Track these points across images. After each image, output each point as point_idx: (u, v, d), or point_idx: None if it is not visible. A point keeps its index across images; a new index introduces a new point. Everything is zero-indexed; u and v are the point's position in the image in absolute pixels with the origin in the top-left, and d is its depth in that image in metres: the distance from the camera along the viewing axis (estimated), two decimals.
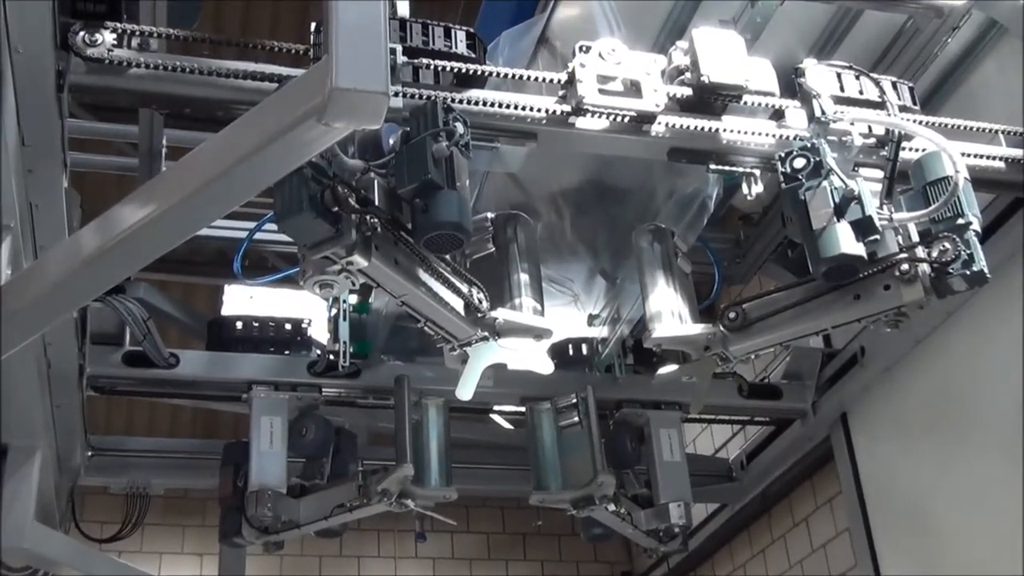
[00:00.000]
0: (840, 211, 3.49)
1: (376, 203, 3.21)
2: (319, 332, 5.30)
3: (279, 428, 4.81)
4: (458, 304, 3.57)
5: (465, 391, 3.85)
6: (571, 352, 5.40)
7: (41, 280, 2.91)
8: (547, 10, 4.30)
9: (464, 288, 3.59)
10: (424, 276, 3.42)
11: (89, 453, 5.51)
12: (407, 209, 3.28)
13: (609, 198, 4.60)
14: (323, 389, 5.02)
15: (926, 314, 4.89)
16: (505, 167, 4.24)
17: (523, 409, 5.23)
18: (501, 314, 3.69)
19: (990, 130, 4.17)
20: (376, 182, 3.24)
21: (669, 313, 3.99)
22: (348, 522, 4.74)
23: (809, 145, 3.64)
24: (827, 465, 6.64)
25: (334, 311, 5.02)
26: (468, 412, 5.47)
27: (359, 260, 3.16)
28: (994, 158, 4.09)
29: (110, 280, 3.00)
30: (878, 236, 3.54)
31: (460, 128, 3.30)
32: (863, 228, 3.49)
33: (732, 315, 3.83)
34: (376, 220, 3.16)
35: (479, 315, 3.63)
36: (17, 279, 3.01)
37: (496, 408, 5.65)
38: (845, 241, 3.45)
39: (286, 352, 5.18)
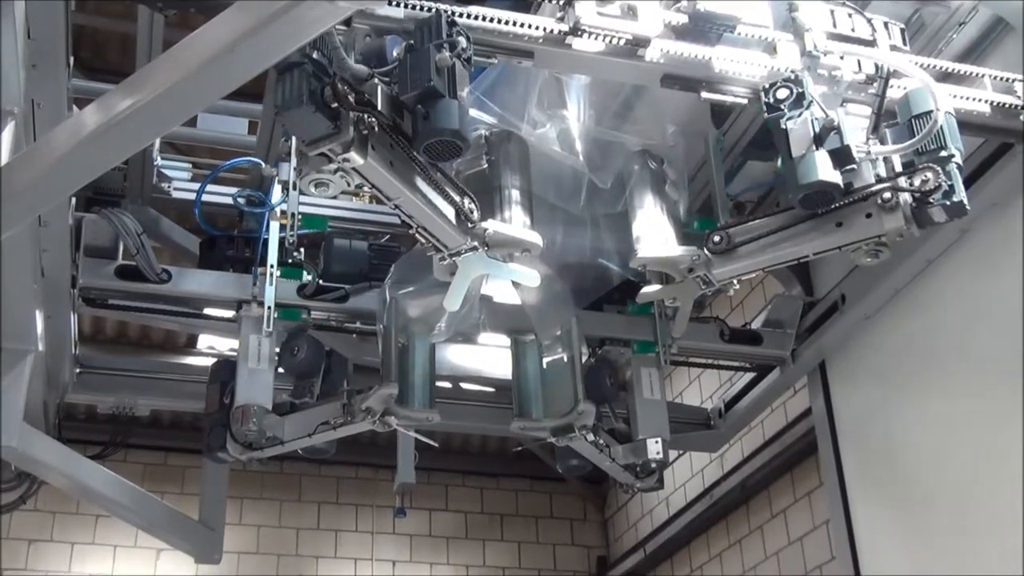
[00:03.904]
0: (819, 140, 3.58)
1: (379, 108, 3.28)
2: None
3: (267, 347, 4.89)
4: (450, 212, 3.64)
5: (452, 302, 3.91)
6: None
7: (44, 158, 2.97)
8: None
9: (456, 197, 3.66)
10: (418, 181, 3.49)
11: (77, 370, 5.57)
12: (408, 118, 3.35)
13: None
14: (312, 312, 5.09)
15: (906, 262, 5.04)
16: None
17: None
18: (491, 225, 3.77)
19: (977, 74, 4.25)
20: (379, 88, 3.32)
21: (655, 235, 4.07)
22: (332, 440, 4.82)
23: (793, 77, 3.72)
24: (807, 459, 6.75)
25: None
26: None
27: (355, 158, 3.23)
28: (980, 100, 4.16)
29: (115, 157, 3.05)
30: (855, 166, 3.62)
31: (463, 41, 3.39)
32: (841, 157, 3.58)
33: (717, 239, 3.92)
34: (374, 120, 3.23)
35: (470, 225, 3.70)
36: (20, 157, 3.06)
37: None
38: (823, 168, 3.55)
39: None
